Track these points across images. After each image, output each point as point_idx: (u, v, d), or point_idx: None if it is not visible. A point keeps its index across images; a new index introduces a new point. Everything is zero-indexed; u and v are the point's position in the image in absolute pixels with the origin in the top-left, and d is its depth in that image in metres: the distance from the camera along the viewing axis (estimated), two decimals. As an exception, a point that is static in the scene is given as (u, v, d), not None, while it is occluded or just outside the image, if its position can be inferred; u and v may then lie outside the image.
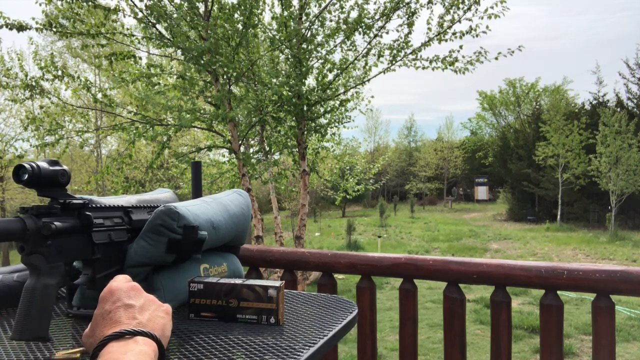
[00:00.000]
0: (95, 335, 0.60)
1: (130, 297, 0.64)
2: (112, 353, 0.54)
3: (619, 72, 30.96)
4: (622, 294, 1.53)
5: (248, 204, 1.31)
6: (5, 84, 7.48)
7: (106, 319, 0.61)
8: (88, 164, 18.89)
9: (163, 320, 0.65)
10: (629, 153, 18.51)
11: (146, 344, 0.57)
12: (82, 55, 17.29)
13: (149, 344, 0.57)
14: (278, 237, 8.71)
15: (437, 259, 1.78)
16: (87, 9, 6.91)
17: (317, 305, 1.11)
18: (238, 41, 6.79)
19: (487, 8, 7.24)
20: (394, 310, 7.86)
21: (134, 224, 1.02)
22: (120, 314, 0.61)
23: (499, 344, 1.70)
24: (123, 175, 8.32)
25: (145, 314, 0.63)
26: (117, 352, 0.54)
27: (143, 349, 0.56)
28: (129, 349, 0.55)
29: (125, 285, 0.66)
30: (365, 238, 17.84)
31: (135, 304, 0.63)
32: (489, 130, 39.96)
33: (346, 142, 12.31)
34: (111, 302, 0.63)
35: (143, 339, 0.57)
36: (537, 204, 25.59)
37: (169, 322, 0.67)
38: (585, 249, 15.00)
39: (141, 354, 0.54)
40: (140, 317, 0.62)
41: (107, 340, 0.56)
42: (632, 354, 6.01)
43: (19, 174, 0.80)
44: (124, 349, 0.55)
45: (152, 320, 0.63)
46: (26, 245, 0.78)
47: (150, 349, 0.57)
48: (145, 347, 0.56)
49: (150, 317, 0.63)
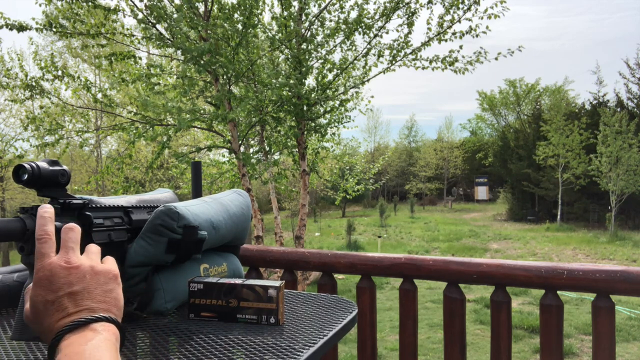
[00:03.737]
0: (42, 324, 0.56)
1: (71, 284, 0.57)
2: (71, 346, 0.51)
3: (619, 72, 30.95)
4: (622, 294, 1.53)
5: (248, 204, 1.31)
6: (6, 84, 7.48)
7: (50, 309, 0.56)
8: (88, 164, 18.89)
9: (113, 293, 0.59)
10: (629, 153, 18.52)
11: (105, 329, 0.54)
12: (82, 55, 17.29)
13: (107, 328, 0.54)
14: (278, 237, 8.71)
15: (437, 259, 1.78)
16: (87, 9, 6.91)
17: (317, 305, 1.11)
18: (238, 41, 6.79)
19: (487, 8, 7.24)
20: (394, 310, 7.86)
21: (134, 224, 1.02)
22: (65, 303, 0.55)
23: (499, 344, 1.70)
24: (123, 175, 8.32)
25: (93, 295, 0.57)
26: (77, 344, 0.50)
27: (102, 335, 0.53)
28: (88, 339, 0.51)
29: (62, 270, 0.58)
30: (365, 238, 17.84)
31: (79, 289, 0.57)
32: (489, 130, 40.01)
33: (346, 142, 12.33)
34: (52, 291, 0.56)
35: (100, 325, 0.54)
36: (537, 204, 25.59)
37: (119, 289, 0.61)
38: (585, 249, 15.00)
39: (103, 342, 0.52)
40: (89, 301, 0.56)
41: (61, 335, 0.52)
42: (632, 354, 6.01)
43: (19, 174, 0.80)
44: (82, 340, 0.51)
45: (103, 299, 0.57)
46: (26, 245, 0.78)
47: (109, 333, 0.54)
48: (104, 334, 0.53)
49: (99, 296, 0.57)
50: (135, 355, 0.83)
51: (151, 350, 0.85)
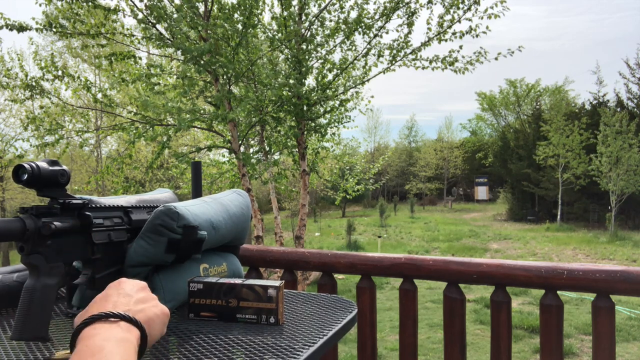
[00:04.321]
0: (87, 313, 0.61)
1: (133, 290, 0.67)
2: (94, 337, 0.54)
3: (619, 72, 30.91)
4: (622, 294, 1.53)
5: (248, 204, 1.31)
6: (6, 84, 7.48)
7: (102, 301, 0.63)
8: (88, 164, 18.88)
9: (154, 316, 0.65)
10: (630, 153, 18.52)
11: (129, 330, 0.58)
12: (82, 55, 17.28)
13: (132, 330, 0.59)
14: (278, 237, 8.71)
15: (437, 259, 1.78)
16: (87, 9, 6.91)
17: (316, 305, 1.11)
18: (238, 41, 6.78)
19: (487, 8, 7.24)
20: (394, 310, 7.86)
21: (134, 223, 1.02)
22: (116, 299, 0.64)
23: (499, 344, 1.70)
24: (123, 175, 8.32)
25: (139, 306, 0.65)
26: (99, 337, 0.54)
27: (125, 335, 0.56)
28: (112, 335, 0.55)
29: (134, 281, 0.70)
30: (365, 238, 17.84)
31: (134, 296, 0.66)
32: (489, 130, 40.01)
33: (346, 142, 12.33)
34: (115, 288, 0.67)
35: (127, 325, 0.59)
36: (537, 204, 25.59)
37: (160, 321, 0.67)
38: (585, 249, 15.00)
39: (122, 341, 0.55)
40: (134, 307, 0.64)
41: (92, 320, 0.57)
42: (632, 354, 6.01)
43: (19, 174, 0.80)
44: (106, 334, 0.55)
45: (144, 311, 0.64)
46: (26, 245, 0.79)
47: (132, 336, 0.58)
48: (127, 334, 0.57)
49: (143, 309, 0.64)
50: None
51: (151, 350, 0.85)
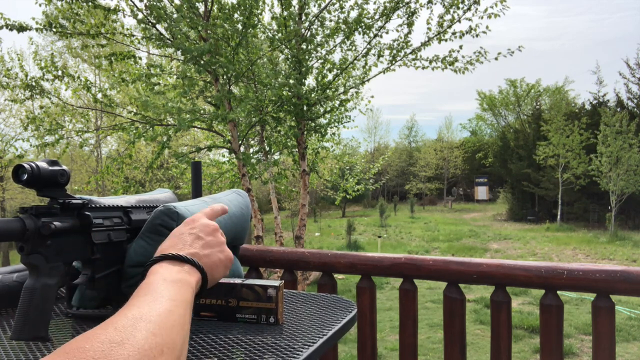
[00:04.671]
0: (162, 249, 0.69)
1: (204, 232, 0.73)
2: (155, 274, 0.61)
3: (619, 72, 30.84)
4: (622, 294, 1.53)
5: (247, 204, 1.31)
6: (6, 84, 7.48)
7: (176, 238, 0.71)
8: (88, 164, 18.88)
9: (218, 261, 0.71)
10: (630, 153, 18.52)
11: (190, 272, 0.64)
12: (82, 55, 17.29)
13: (193, 273, 0.65)
14: (278, 237, 8.71)
15: (437, 259, 1.78)
16: (87, 9, 6.90)
17: (316, 304, 1.11)
18: (238, 41, 6.78)
19: (487, 8, 7.24)
20: (394, 310, 7.86)
21: (134, 223, 1.02)
22: (187, 239, 0.70)
23: (499, 344, 1.70)
24: (123, 175, 8.31)
25: (206, 250, 0.70)
26: (159, 275, 0.60)
27: (184, 277, 0.62)
28: (171, 275, 0.61)
29: (208, 222, 0.76)
30: (365, 238, 17.84)
31: (205, 239, 0.72)
32: (489, 130, 40.01)
33: (346, 142, 12.32)
34: (190, 227, 0.73)
35: (190, 268, 0.65)
36: (537, 204, 25.59)
37: (223, 266, 0.73)
38: (585, 249, 14.99)
39: (179, 282, 0.60)
40: (201, 250, 0.69)
41: (161, 258, 0.64)
42: (632, 354, 6.01)
43: (19, 174, 0.80)
44: (166, 274, 0.61)
45: (209, 256, 0.70)
46: (26, 245, 0.78)
47: (192, 278, 0.63)
48: (187, 276, 0.63)
49: (209, 254, 0.70)
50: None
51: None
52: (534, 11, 76.20)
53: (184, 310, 0.56)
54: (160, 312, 0.52)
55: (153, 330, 0.48)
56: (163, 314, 0.52)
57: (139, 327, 0.47)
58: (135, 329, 0.47)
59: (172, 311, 0.53)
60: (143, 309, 0.51)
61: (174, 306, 0.54)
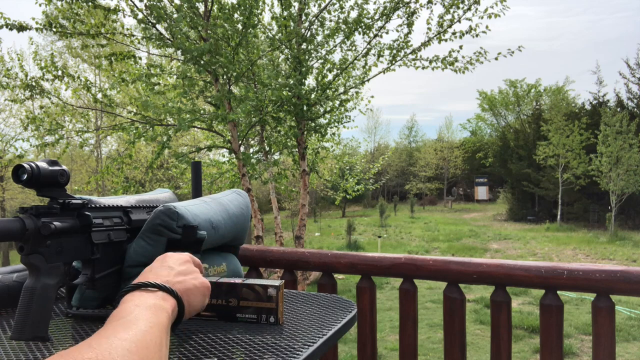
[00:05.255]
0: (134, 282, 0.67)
1: (176, 263, 0.73)
2: (129, 302, 0.59)
3: (619, 71, 30.75)
4: (622, 294, 1.53)
5: (247, 204, 1.31)
6: (6, 84, 7.47)
7: (148, 272, 0.69)
8: (88, 164, 18.88)
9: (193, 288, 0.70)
10: (630, 153, 18.53)
11: (165, 299, 0.63)
12: (82, 55, 17.28)
13: (167, 299, 0.63)
14: (278, 237, 8.71)
15: (437, 259, 1.78)
16: (87, 9, 6.90)
17: (316, 304, 1.11)
18: (238, 41, 6.78)
19: (487, 8, 7.24)
20: (394, 310, 7.86)
21: (133, 223, 1.02)
22: (159, 270, 0.70)
23: (499, 344, 1.70)
24: (123, 175, 8.31)
25: (179, 277, 0.70)
26: (133, 303, 0.59)
27: (158, 303, 0.61)
28: (145, 301, 0.60)
29: (178, 254, 0.76)
30: (365, 238, 17.84)
31: (176, 268, 0.71)
32: (489, 130, 40.01)
33: (346, 142, 12.33)
34: (160, 261, 0.73)
35: (163, 294, 0.64)
36: (537, 204, 25.59)
37: (199, 292, 0.72)
38: (585, 249, 14.99)
39: (153, 307, 0.59)
40: (174, 278, 0.69)
41: (132, 288, 0.63)
42: (632, 354, 6.01)
43: (18, 174, 0.80)
44: (139, 300, 0.60)
45: (182, 282, 0.69)
46: (26, 245, 0.78)
47: (167, 305, 0.62)
48: (161, 302, 0.62)
49: (181, 281, 0.69)
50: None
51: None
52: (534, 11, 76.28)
53: (160, 333, 0.55)
54: (136, 332, 0.52)
55: (129, 347, 0.48)
56: (139, 334, 0.52)
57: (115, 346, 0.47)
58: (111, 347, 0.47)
59: (147, 332, 0.53)
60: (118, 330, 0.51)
61: (148, 327, 0.54)
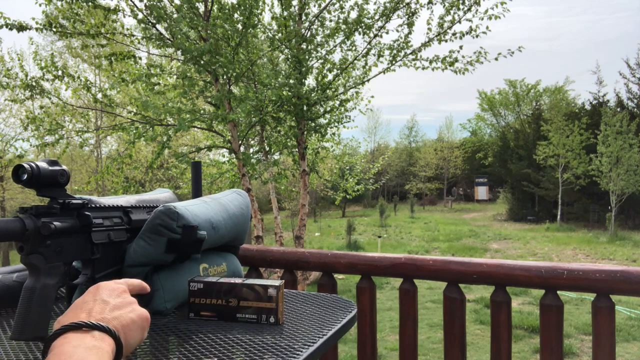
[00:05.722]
0: (63, 320, 0.60)
1: (110, 295, 0.65)
2: (64, 345, 0.54)
3: (619, 71, 30.72)
4: (622, 294, 1.53)
5: (247, 204, 1.31)
6: (6, 84, 7.48)
7: (79, 309, 0.62)
8: (88, 164, 18.87)
9: (130, 322, 0.64)
10: (630, 153, 18.53)
11: (102, 339, 0.57)
12: (82, 55, 17.28)
13: (105, 339, 0.57)
14: (278, 237, 8.71)
15: (437, 259, 1.78)
16: (87, 9, 6.90)
17: (316, 304, 1.11)
18: (238, 41, 6.78)
19: (487, 9, 7.25)
20: (394, 310, 7.86)
21: (134, 223, 1.02)
22: (92, 306, 0.62)
23: (499, 344, 1.70)
24: (123, 175, 8.31)
25: (115, 312, 0.63)
26: (69, 345, 0.54)
27: (97, 344, 0.55)
28: (82, 343, 0.54)
29: (113, 284, 0.68)
30: (365, 238, 17.84)
31: (111, 302, 0.64)
32: (489, 130, 40.03)
33: (346, 142, 12.33)
34: (92, 294, 0.65)
35: (100, 334, 0.57)
36: (537, 204, 25.59)
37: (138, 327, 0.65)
38: (585, 249, 14.99)
39: (94, 349, 0.54)
40: (108, 314, 0.62)
41: (64, 330, 0.56)
42: (632, 354, 6.01)
43: (19, 174, 0.80)
44: (77, 342, 0.54)
45: (118, 318, 0.62)
46: (25, 245, 0.78)
47: (105, 344, 0.56)
48: (99, 343, 0.56)
49: (118, 316, 0.62)
50: (135, 355, 0.83)
51: (151, 350, 0.85)
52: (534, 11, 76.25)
53: None
54: None
55: None
56: None
57: None
58: None
59: None
60: None
61: None
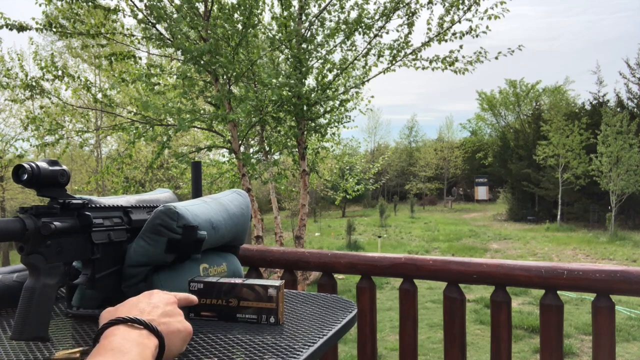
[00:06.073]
0: (115, 315, 0.65)
1: (162, 302, 0.70)
2: (116, 336, 0.58)
3: (619, 71, 30.69)
4: (622, 294, 1.53)
5: (247, 203, 1.31)
6: (6, 84, 7.48)
7: (133, 306, 0.67)
8: (88, 164, 18.88)
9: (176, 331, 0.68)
10: (630, 153, 18.53)
11: (148, 337, 0.61)
12: (82, 55, 17.28)
13: (151, 338, 0.61)
14: (278, 237, 8.71)
15: (437, 259, 1.78)
16: (87, 9, 6.90)
17: (316, 304, 1.11)
18: (238, 41, 6.78)
19: (487, 9, 7.25)
20: (394, 310, 7.86)
21: (134, 223, 1.02)
22: (145, 307, 0.67)
23: (499, 344, 1.70)
24: (123, 175, 8.31)
25: (164, 318, 0.67)
26: (120, 336, 0.58)
27: (143, 341, 0.60)
28: (132, 338, 0.59)
29: (165, 295, 0.74)
30: (365, 238, 17.84)
31: (162, 308, 0.69)
32: (489, 130, 40.03)
33: (346, 142, 12.33)
34: (147, 297, 0.71)
35: (147, 333, 0.62)
36: (537, 204, 25.59)
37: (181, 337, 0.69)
38: (585, 249, 14.99)
39: (140, 346, 0.58)
40: (159, 318, 0.66)
41: (117, 322, 0.61)
42: (632, 354, 6.01)
43: (19, 174, 0.80)
44: (127, 336, 0.59)
45: (166, 324, 0.67)
46: (26, 245, 0.78)
47: (150, 343, 0.61)
48: (145, 340, 0.60)
49: (166, 322, 0.67)
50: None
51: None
52: (534, 11, 76.27)
53: None
54: None
55: None
56: None
57: None
58: None
59: None
60: None
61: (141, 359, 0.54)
